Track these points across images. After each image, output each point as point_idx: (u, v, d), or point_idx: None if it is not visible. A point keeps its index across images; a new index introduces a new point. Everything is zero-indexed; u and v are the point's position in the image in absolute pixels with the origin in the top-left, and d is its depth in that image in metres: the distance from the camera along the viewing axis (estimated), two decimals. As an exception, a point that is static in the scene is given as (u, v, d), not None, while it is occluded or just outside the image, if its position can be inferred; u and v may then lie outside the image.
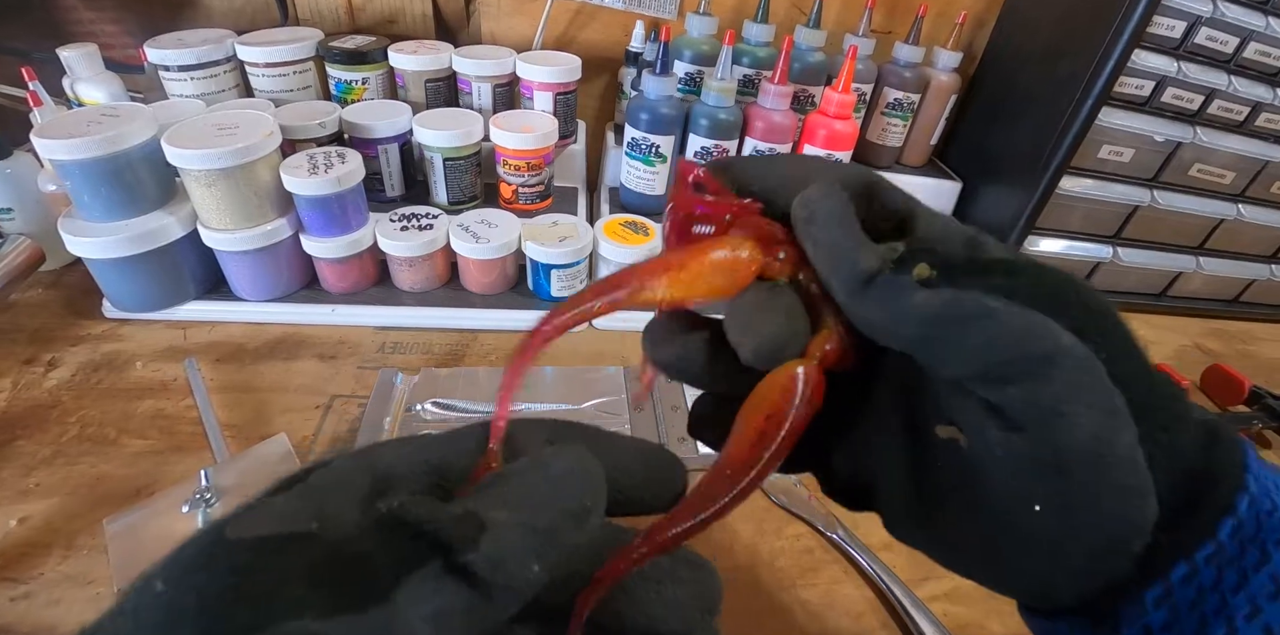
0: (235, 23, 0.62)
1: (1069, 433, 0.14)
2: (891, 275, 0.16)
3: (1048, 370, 0.14)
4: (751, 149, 0.60)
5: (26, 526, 0.36)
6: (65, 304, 0.51)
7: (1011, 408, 0.15)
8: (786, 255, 0.18)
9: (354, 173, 0.48)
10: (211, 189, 0.45)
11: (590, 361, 0.50)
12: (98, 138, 0.42)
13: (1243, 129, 0.60)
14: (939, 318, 0.15)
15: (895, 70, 0.66)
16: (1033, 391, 0.14)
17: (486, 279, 0.53)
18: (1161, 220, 0.64)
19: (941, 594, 0.37)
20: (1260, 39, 0.55)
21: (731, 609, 0.35)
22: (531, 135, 0.55)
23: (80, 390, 0.44)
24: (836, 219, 0.17)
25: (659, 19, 0.66)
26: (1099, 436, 0.14)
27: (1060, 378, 0.14)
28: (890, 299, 0.16)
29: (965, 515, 0.17)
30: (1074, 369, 0.14)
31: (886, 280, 0.16)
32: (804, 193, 0.18)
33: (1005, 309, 0.15)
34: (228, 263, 0.49)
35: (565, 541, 0.14)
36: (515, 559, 0.13)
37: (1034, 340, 0.14)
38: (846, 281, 0.16)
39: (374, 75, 0.58)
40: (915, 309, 0.15)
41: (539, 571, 0.13)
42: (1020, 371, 0.14)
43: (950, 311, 0.15)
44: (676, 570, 0.16)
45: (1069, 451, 0.14)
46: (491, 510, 0.14)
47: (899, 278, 0.16)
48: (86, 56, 0.52)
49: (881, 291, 0.16)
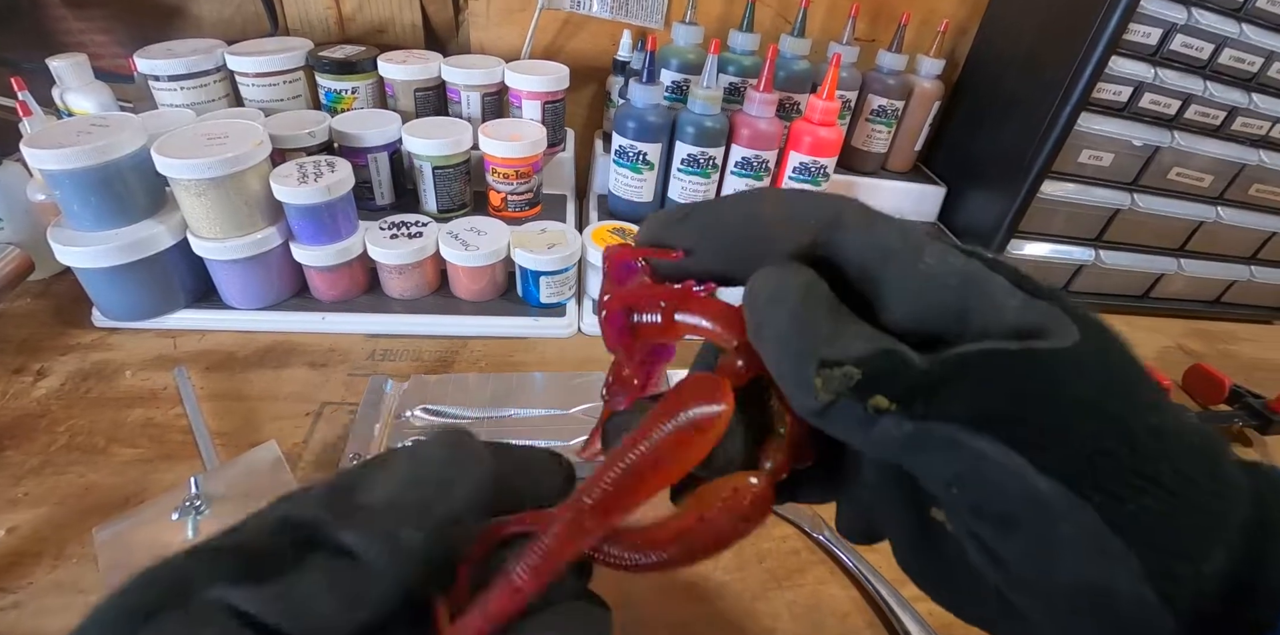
0: (225, 33, 0.63)
1: (1051, 578, 0.13)
2: (842, 407, 0.14)
3: (1021, 516, 0.13)
4: (738, 156, 0.61)
5: (15, 536, 0.36)
6: (54, 313, 0.51)
7: (988, 540, 0.14)
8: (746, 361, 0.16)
9: (344, 181, 0.48)
10: (201, 198, 0.45)
11: (578, 367, 0.51)
12: (88, 148, 0.42)
13: (1219, 133, 0.61)
14: (901, 450, 0.14)
15: (879, 77, 0.67)
16: (1006, 534, 0.13)
17: (476, 286, 0.54)
18: (1142, 223, 0.65)
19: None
20: (1234, 45, 0.57)
21: (719, 610, 0.36)
22: (520, 143, 0.56)
23: (69, 399, 0.44)
24: (782, 337, 0.15)
25: (646, 28, 0.67)
26: (1086, 585, 0.13)
27: (1034, 525, 0.13)
28: (847, 429, 0.15)
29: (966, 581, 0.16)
30: (1049, 520, 0.13)
31: (839, 410, 0.14)
32: (751, 287, 0.16)
33: (974, 444, 0.13)
34: (218, 271, 0.50)
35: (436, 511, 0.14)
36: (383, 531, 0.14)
37: (1004, 484, 0.13)
38: (800, 408, 0.15)
39: (364, 85, 0.59)
40: (874, 441, 0.14)
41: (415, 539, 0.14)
42: (993, 512, 0.13)
43: (912, 444, 0.14)
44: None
45: (1057, 594, 0.13)
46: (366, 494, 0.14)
47: (850, 411, 0.14)
48: (76, 66, 0.53)
49: (837, 421, 0.15)
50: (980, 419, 0.13)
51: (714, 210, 0.18)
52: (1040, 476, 0.13)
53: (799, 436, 0.17)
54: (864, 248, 0.16)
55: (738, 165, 0.61)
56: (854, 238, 0.16)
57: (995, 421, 0.13)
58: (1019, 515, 0.13)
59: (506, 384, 0.47)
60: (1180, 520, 0.13)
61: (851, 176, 0.71)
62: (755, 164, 0.61)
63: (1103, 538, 0.12)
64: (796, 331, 0.15)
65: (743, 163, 0.61)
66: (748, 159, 0.61)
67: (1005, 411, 0.13)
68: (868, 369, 0.14)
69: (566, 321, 0.54)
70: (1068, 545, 0.13)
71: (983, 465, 0.13)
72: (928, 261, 0.15)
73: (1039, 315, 0.14)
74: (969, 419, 0.13)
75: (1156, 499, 0.13)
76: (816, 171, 0.61)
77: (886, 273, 0.15)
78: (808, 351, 0.14)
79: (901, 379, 0.14)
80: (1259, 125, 0.61)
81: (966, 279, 0.15)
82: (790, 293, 0.15)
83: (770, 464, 0.17)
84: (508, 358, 0.51)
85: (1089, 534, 0.12)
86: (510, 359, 0.51)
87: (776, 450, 0.17)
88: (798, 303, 0.15)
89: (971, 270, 0.15)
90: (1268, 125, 0.61)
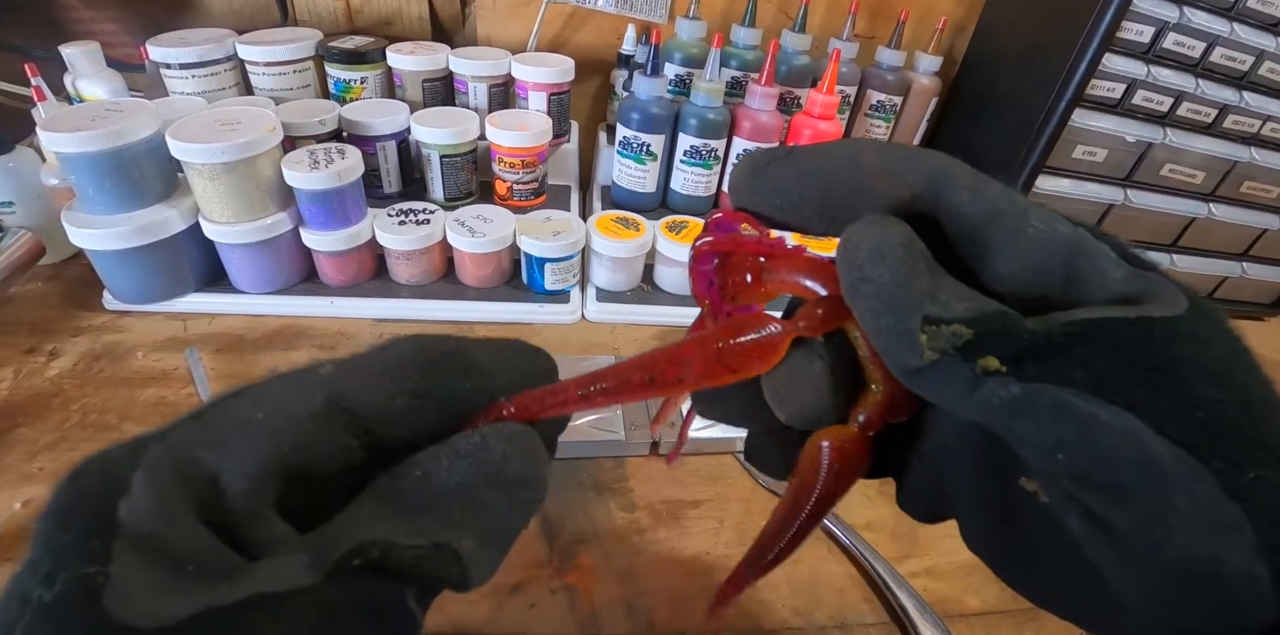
0: (235, 23, 0.64)
1: (1160, 550, 0.12)
2: (948, 366, 0.14)
3: (1135, 484, 0.12)
4: (739, 148, 0.62)
5: (31, 508, 0.36)
6: (65, 296, 0.52)
7: (1094, 509, 0.13)
8: (827, 310, 0.16)
9: (353, 168, 0.49)
10: (214, 182, 0.46)
11: (583, 352, 0.52)
12: (104, 131, 0.43)
13: (1211, 130, 0.62)
14: (1004, 413, 0.13)
15: (878, 73, 0.68)
16: (1116, 503, 0.13)
17: (482, 272, 0.55)
18: (1135, 219, 0.66)
19: (922, 570, 0.39)
20: (1225, 44, 0.58)
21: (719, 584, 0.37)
22: (526, 133, 0.56)
23: (82, 379, 0.45)
24: (883, 292, 0.14)
25: (650, 22, 0.68)
26: (1198, 556, 0.12)
27: (1149, 494, 0.12)
28: (947, 388, 0.14)
29: (1048, 557, 0.15)
30: (1164, 487, 0.12)
31: (943, 369, 0.14)
32: (848, 240, 0.15)
33: (1087, 408, 0.12)
34: (228, 255, 0.50)
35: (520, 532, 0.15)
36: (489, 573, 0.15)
37: (1118, 449, 0.12)
38: (896, 369, 0.15)
39: (372, 75, 0.60)
40: (977, 402, 0.13)
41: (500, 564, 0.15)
42: (1103, 481, 0.13)
43: (1019, 407, 0.13)
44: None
45: (1162, 568, 0.12)
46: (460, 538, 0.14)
47: (958, 370, 0.13)
48: (88, 54, 0.53)
49: (937, 380, 0.14)
50: (1094, 382, 0.12)
51: (817, 152, 0.17)
52: (1159, 440, 0.12)
53: (894, 389, 0.16)
54: (972, 207, 0.15)
55: (740, 157, 0.62)
56: (962, 196, 0.15)
57: (1109, 385, 0.12)
58: (1132, 483, 0.12)
59: (512, 367, 0.48)
60: None
61: (851, 171, 0.72)
62: (757, 156, 0.62)
63: (1220, 507, 0.12)
64: (899, 287, 0.14)
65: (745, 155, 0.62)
66: (749, 151, 0.62)
67: (1122, 374, 0.13)
68: (980, 329, 0.13)
69: (570, 308, 0.55)
70: (1184, 514, 0.12)
71: (1096, 430, 0.12)
72: (1036, 225, 0.15)
73: (1146, 284, 0.14)
74: (1083, 382, 0.13)
75: (1276, 471, 0.12)
76: (817, 164, 0.62)
77: (993, 234, 0.15)
78: (912, 308, 0.14)
79: (1014, 340, 0.13)
80: (1250, 123, 0.62)
81: (1074, 246, 0.15)
82: (891, 248, 0.14)
83: (863, 417, 0.17)
84: (512, 343, 0.52)
85: (1207, 502, 0.12)
86: (515, 344, 0.52)
87: (869, 404, 0.16)
88: (899, 259, 0.14)
89: (1079, 238, 0.15)
90: (1259, 123, 0.62)
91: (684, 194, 0.64)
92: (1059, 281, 0.15)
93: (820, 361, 0.17)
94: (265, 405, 0.15)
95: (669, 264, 0.57)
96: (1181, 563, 0.12)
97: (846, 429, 0.17)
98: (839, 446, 0.16)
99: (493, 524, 0.15)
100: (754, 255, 0.17)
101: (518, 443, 0.15)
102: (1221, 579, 0.12)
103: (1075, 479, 0.13)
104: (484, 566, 0.14)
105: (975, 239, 0.15)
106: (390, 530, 0.14)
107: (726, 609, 0.18)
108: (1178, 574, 0.12)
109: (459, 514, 0.14)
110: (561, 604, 0.35)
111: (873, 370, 0.16)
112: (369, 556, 0.13)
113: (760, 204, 0.18)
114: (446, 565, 0.14)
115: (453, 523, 0.14)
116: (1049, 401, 0.13)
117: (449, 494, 0.14)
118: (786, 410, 0.17)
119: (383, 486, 0.15)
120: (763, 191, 0.17)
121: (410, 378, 0.15)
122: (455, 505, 0.14)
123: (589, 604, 0.35)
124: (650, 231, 0.56)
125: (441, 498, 0.14)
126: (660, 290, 0.58)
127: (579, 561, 0.37)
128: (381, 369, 0.16)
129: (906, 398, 0.16)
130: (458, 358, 0.16)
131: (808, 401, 0.17)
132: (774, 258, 0.17)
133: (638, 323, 0.56)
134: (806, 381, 0.17)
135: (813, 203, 0.17)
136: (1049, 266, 0.15)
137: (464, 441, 0.15)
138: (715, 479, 0.43)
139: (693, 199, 0.64)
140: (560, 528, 0.38)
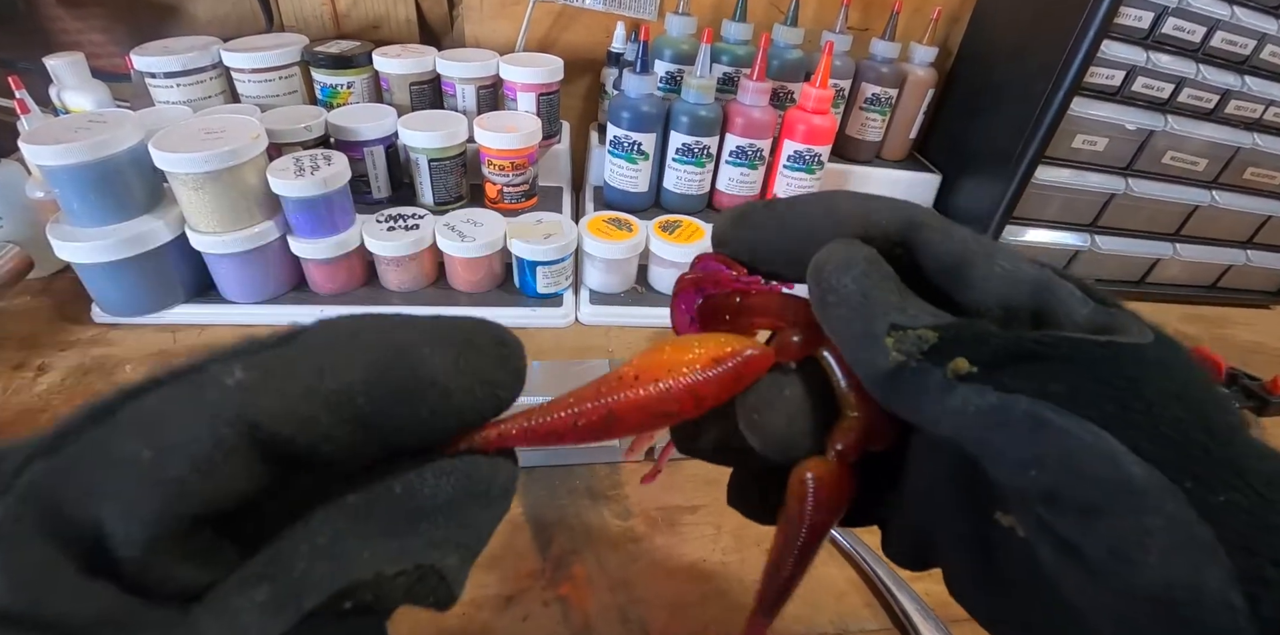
0: (221, 30, 0.63)
1: (1134, 576, 0.12)
2: (920, 369, 0.14)
3: (1107, 503, 0.12)
4: (732, 145, 0.61)
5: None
6: (54, 310, 0.52)
7: (1065, 532, 0.13)
8: (802, 338, 0.16)
9: (340, 174, 0.49)
10: (199, 192, 0.46)
11: (576, 355, 0.51)
12: (86, 143, 0.42)
13: (1213, 117, 0.61)
14: (978, 424, 0.13)
15: (872, 66, 0.67)
16: (1088, 525, 0.12)
17: (473, 277, 0.54)
18: (1137, 208, 0.65)
19: (924, 573, 0.38)
20: (1226, 28, 0.57)
21: (719, 591, 0.36)
22: (515, 135, 0.56)
23: (70, 393, 0.44)
24: (850, 300, 0.15)
25: (639, 20, 0.67)
26: (1173, 581, 0.11)
27: (1122, 514, 0.12)
28: (920, 398, 0.14)
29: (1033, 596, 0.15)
30: (1141, 508, 0.12)
31: (914, 375, 0.14)
32: (817, 258, 0.16)
33: (1062, 422, 0.12)
34: (216, 265, 0.50)
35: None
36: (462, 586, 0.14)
37: (1095, 467, 0.12)
38: (867, 377, 0.14)
39: (359, 79, 0.59)
40: (948, 413, 0.13)
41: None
42: (1074, 499, 0.12)
43: (991, 419, 0.13)
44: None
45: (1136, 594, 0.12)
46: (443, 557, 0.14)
47: (929, 374, 0.13)
48: (73, 65, 0.53)
49: (908, 388, 0.14)
50: (1068, 398, 0.12)
51: (795, 201, 0.18)
52: (1132, 458, 0.12)
53: (870, 415, 0.16)
54: (942, 246, 0.16)
55: (733, 154, 0.61)
56: (935, 237, 0.16)
57: (1080, 400, 0.12)
58: (1104, 502, 0.12)
59: (505, 373, 0.47)
60: (1273, 520, 0.12)
61: (846, 165, 0.71)
62: (750, 153, 0.61)
63: (1193, 528, 0.11)
64: (864, 296, 0.14)
65: (737, 151, 0.61)
66: (742, 148, 0.61)
67: (1092, 390, 0.12)
68: (945, 333, 0.14)
69: (563, 311, 0.54)
70: (1158, 534, 0.12)
71: (1069, 445, 0.12)
72: (1002, 264, 0.15)
73: (1112, 319, 0.14)
74: (1057, 395, 0.12)
75: (1246, 496, 0.12)
76: (811, 160, 0.61)
77: (963, 272, 0.16)
78: (878, 314, 0.14)
79: (983, 344, 0.13)
80: (1252, 108, 0.61)
81: (1040, 284, 0.15)
82: (858, 261, 0.15)
83: (840, 446, 0.16)
84: (506, 348, 0.52)
85: (1179, 523, 0.11)
86: (508, 349, 0.52)
87: (845, 430, 0.16)
88: (864, 272, 0.15)
89: (1044, 276, 0.15)
90: (1261, 108, 0.61)
91: (677, 193, 0.63)
92: (1027, 318, 0.15)
93: (792, 388, 0.17)
94: (152, 438, 0.11)
95: (662, 265, 0.56)
96: (1155, 588, 0.12)
97: (825, 460, 0.17)
98: (820, 477, 0.16)
99: (474, 540, 0.14)
100: (732, 293, 0.18)
101: (504, 457, 0.15)
102: (1199, 606, 0.11)
103: (1045, 499, 0.13)
104: (462, 583, 0.14)
105: (945, 277, 0.16)
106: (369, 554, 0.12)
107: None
108: (1153, 603, 0.12)
109: (444, 532, 0.13)
110: (555, 616, 0.34)
111: (847, 395, 0.16)
112: (363, 600, 0.12)
113: (741, 250, 0.18)
114: (431, 588, 0.13)
115: (436, 541, 0.13)
116: (1023, 414, 0.12)
117: (435, 512, 0.13)
118: (760, 437, 0.17)
119: (351, 504, 0.13)
120: (743, 238, 0.18)
121: (351, 401, 0.12)
122: (440, 523, 0.13)
123: (583, 615, 0.34)
124: (643, 232, 0.55)
125: (427, 516, 0.13)
126: (654, 291, 0.58)
127: (573, 571, 0.36)
128: (310, 383, 0.12)
129: (883, 422, 0.16)
130: (410, 372, 0.13)
131: (779, 428, 0.16)
132: (751, 295, 0.18)
133: (632, 325, 0.55)
134: (778, 408, 0.16)
135: (791, 247, 0.17)
136: (1017, 302, 0.15)
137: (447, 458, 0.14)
138: (712, 483, 0.42)
139: (686, 198, 0.63)
140: (553, 537, 0.38)
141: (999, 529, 0.15)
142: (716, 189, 0.64)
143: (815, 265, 0.16)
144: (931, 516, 0.17)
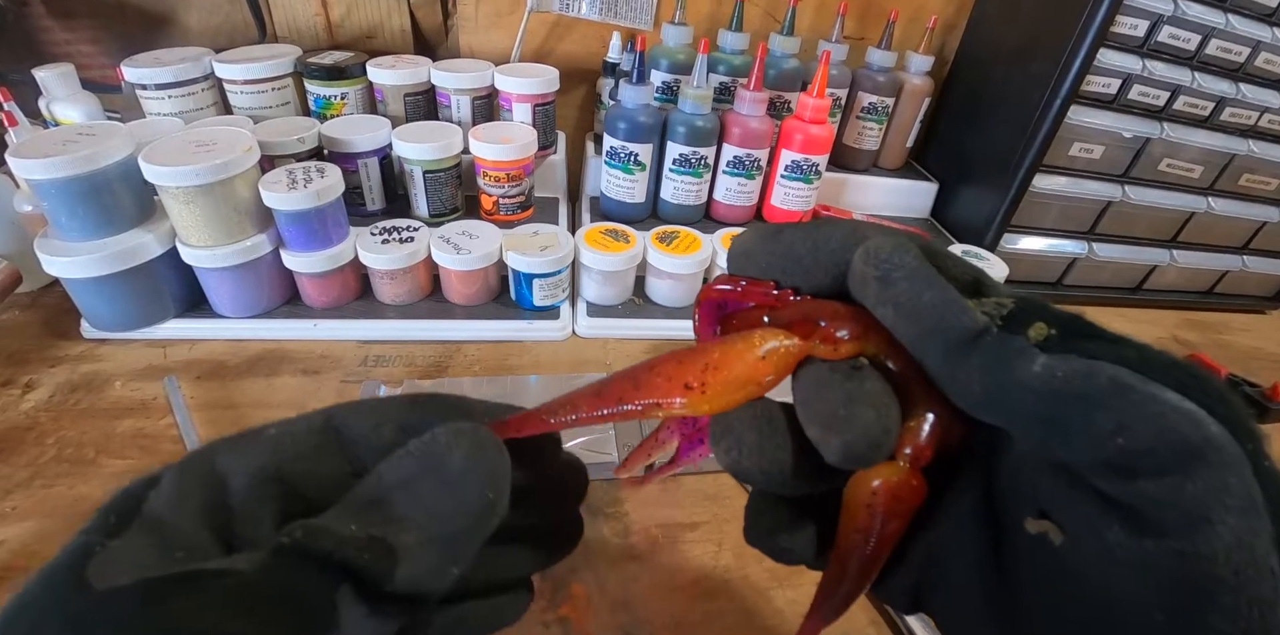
0: (213, 41, 0.63)
1: (1212, 541, 0.12)
2: (1002, 335, 0.13)
3: (1195, 466, 0.12)
4: (729, 155, 0.60)
5: (4, 550, 0.35)
6: (42, 325, 0.51)
7: (1141, 506, 0.13)
8: (849, 331, 0.16)
9: (333, 187, 0.48)
10: (190, 206, 0.45)
11: (573, 369, 0.50)
12: (74, 156, 0.42)
13: (1208, 124, 0.61)
14: (1063, 392, 0.13)
15: (869, 75, 0.67)
16: (1175, 490, 0.12)
17: (469, 290, 0.53)
18: (1134, 215, 0.65)
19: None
20: (1221, 36, 0.57)
21: (720, 610, 0.35)
22: (510, 146, 0.55)
23: (58, 411, 0.43)
24: (919, 273, 0.14)
25: (635, 30, 0.67)
26: (1240, 544, 0.12)
27: (1208, 476, 0.12)
28: (1000, 365, 0.13)
29: (1051, 615, 0.15)
30: (1222, 466, 0.12)
31: (996, 341, 0.13)
32: (865, 248, 0.15)
33: (1145, 388, 0.12)
34: (207, 280, 0.49)
35: (477, 539, 0.15)
36: (432, 576, 0.15)
37: (1182, 429, 0.12)
38: (946, 343, 0.14)
39: (353, 90, 0.59)
40: (1033, 379, 0.13)
41: (457, 572, 0.15)
42: (1159, 465, 0.12)
43: (1078, 385, 0.13)
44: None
45: (1210, 561, 0.12)
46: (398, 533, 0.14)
47: (1011, 339, 0.13)
48: (62, 76, 0.52)
49: (990, 355, 0.13)
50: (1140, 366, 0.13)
51: (823, 222, 0.18)
52: (1213, 419, 0.12)
53: (939, 408, 0.15)
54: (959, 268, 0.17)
55: (729, 164, 0.61)
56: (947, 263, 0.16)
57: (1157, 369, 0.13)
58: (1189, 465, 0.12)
59: (501, 388, 0.46)
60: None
61: (844, 174, 0.71)
62: (747, 163, 0.61)
63: (1254, 496, 0.12)
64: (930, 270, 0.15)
65: (734, 162, 0.61)
66: (739, 158, 0.60)
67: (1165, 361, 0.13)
68: (1021, 302, 0.14)
69: (560, 324, 0.54)
70: (1234, 494, 0.12)
71: (1155, 409, 0.12)
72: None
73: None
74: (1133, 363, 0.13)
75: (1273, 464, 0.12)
76: (809, 169, 0.61)
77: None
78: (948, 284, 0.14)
79: (1055, 316, 0.14)
80: (1247, 115, 0.61)
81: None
82: (911, 246, 0.15)
83: (910, 449, 0.15)
84: (502, 361, 0.51)
85: (1250, 485, 0.12)
86: (505, 362, 0.51)
87: (914, 431, 0.15)
88: (918, 255, 0.15)
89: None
90: (1256, 115, 0.61)
91: (674, 203, 0.63)
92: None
93: (872, 381, 0.15)
94: (280, 424, 0.17)
95: (660, 276, 0.56)
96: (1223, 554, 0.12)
97: (893, 465, 0.15)
98: (891, 484, 0.15)
99: (434, 523, 0.15)
100: (759, 308, 0.17)
101: (464, 437, 0.16)
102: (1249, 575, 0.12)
103: (1123, 470, 0.13)
104: (421, 566, 0.14)
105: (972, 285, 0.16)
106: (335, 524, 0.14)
107: None
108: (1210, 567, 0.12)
109: (400, 509, 0.15)
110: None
111: (914, 390, 0.15)
112: (294, 536, 0.14)
113: (773, 267, 0.18)
114: (377, 558, 0.14)
115: (393, 518, 0.15)
116: (1108, 379, 0.12)
117: (392, 489, 0.15)
118: (840, 439, 0.14)
119: (350, 492, 0.16)
120: (778, 253, 0.18)
121: (397, 412, 0.18)
122: (396, 499, 0.15)
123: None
124: (640, 243, 0.55)
125: (386, 493, 0.15)
126: (652, 303, 0.57)
127: (572, 591, 0.35)
128: (375, 403, 0.18)
129: (953, 417, 0.15)
130: (444, 399, 0.19)
131: (870, 420, 0.15)
132: (780, 309, 0.17)
133: (630, 337, 0.55)
134: (866, 399, 0.15)
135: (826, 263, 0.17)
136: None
137: (417, 441, 0.16)
138: (713, 499, 0.41)
139: (683, 208, 0.63)
140: (553, 556, 0.37)
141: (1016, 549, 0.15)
142: (714, 199, 0.64)
143: (868, 251, 0.15)
144: (946, 545, 0.17)
